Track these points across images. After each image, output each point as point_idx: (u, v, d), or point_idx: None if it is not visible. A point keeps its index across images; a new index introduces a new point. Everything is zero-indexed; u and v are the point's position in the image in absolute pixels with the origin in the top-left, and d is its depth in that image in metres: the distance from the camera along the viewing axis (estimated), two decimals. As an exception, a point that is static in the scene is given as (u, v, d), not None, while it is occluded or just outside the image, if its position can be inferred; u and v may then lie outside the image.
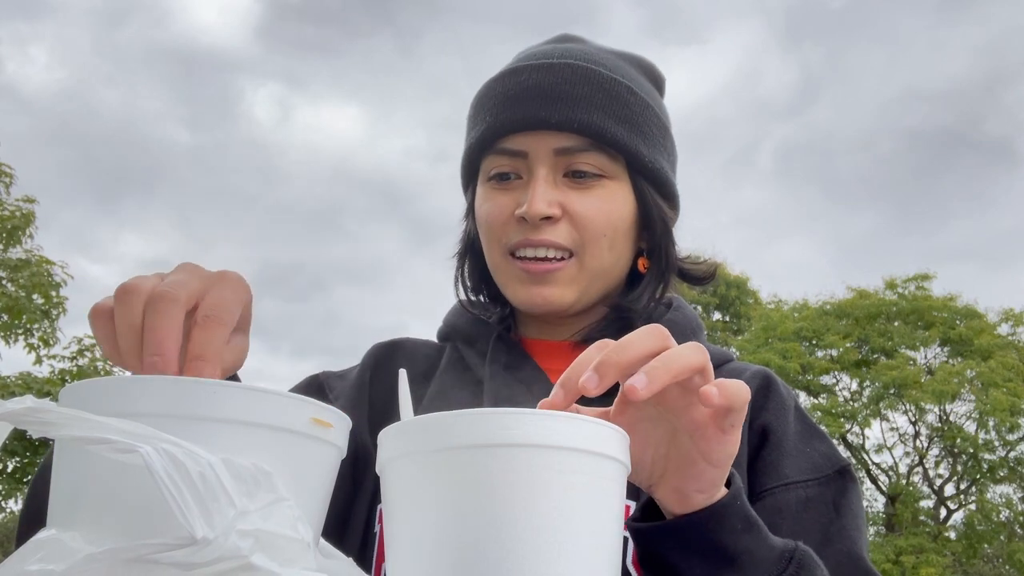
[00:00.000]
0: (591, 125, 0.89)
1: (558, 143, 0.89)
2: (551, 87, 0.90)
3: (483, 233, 0.96)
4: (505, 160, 0.92)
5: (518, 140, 0.91)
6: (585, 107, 0.89)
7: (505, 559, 0.48)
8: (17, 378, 10.78)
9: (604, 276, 0.93)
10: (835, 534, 0.82)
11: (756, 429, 0.88)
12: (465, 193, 1.03)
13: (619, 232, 0.92)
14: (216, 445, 0.45)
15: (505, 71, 0.95)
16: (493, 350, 0.94)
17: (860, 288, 19.20)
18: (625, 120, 0.91)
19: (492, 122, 0.92)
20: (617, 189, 0.92)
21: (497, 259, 0.94)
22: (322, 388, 0.98)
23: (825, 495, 0.85)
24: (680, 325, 0.96)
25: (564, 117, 0.88)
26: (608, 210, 0.90)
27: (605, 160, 0.90)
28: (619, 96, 0.91)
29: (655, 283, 0.97)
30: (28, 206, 11.29)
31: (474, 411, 0.51)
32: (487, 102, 0.94)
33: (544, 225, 0.89)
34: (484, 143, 0.93)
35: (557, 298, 0.91)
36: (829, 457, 0.88)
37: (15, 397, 0.43)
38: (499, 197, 0.92)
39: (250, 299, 0.63)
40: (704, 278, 1.04)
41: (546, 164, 0.90)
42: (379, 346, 1.03)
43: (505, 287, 0.95)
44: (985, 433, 17.07)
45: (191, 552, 0.40)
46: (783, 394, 0.92)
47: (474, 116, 0.97)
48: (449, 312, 1.06)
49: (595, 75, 0.91)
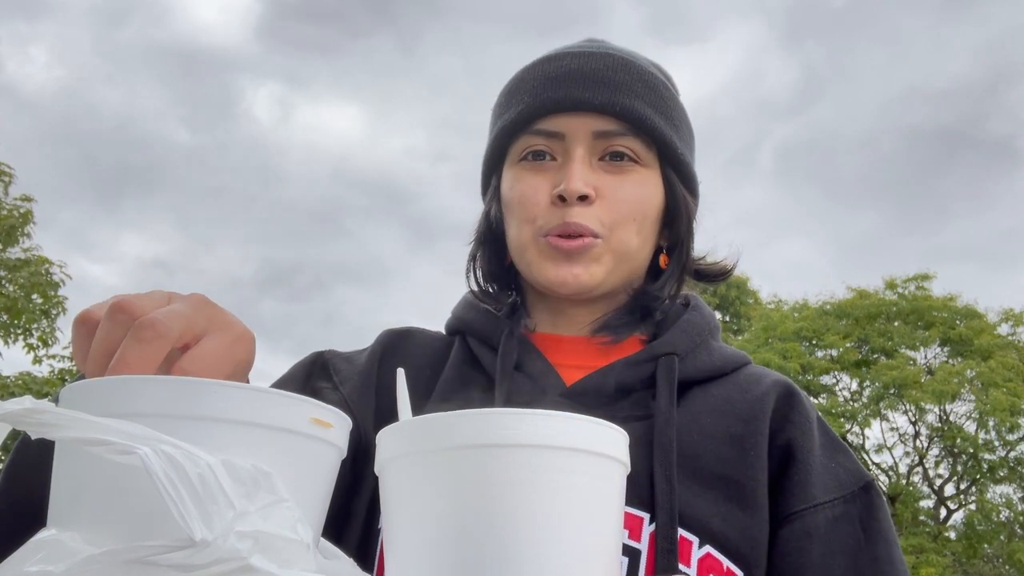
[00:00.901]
0: (632, 110, 0.89)
1: (598, 126, 0.90)
2: (593, 72, 0.90)
3: (514, 213, 0.93)
4: (541, 140, 0.91)
5: (556, 121, 0.90)
6: (626, 92, 0.90)
7: (505, 559, 0.48)
8: (16, 378, 10.78)
9: (628, 260, 0.92)
10: (865, 566, 0.81)
11: (780, 444, 0.86)
12: (487, 180, 1.02)
13: (648, 219, 0.92)
14: (215, 445, 0.45)
15: (541, 59, 0.95)
16: (504, 346, 0.92)
17: (860, 288, 19.21)
18: (661, 111, 0.92)
19: (531, 102, 0.91)
20: (649, 176, 0.92)
21: (527, 239, 0.92)
22: (327, 367, 0.96)
23: (851, 513, 0.84)
24: (698, 325, 0.95)
25: (606, 100, 0.89)
26: (640, 195, 0.91)
27: (641, 147, 0.91)
28: (656, 88, 0.93)
29: (675, 278, 0.97)
30: (26, 205, 11.30)
31: (474, 411, 0.51)
32: (524, 85, 0.94)
33: (578, 205, 0.88)
34: (520, 123, 0.92)
35: (586, 276, 0.89)
36: (854, 473, 0.87)
37: (14, 397, 0.43)
38: (533, 178, 0.91)
39: (251, 362, 0.59)
40: (717, 276, 1.03)
41: (584, 145, 0.90)
42: (390, 333, 1.01)
43: (532, 266, 0.92)
44: (985, 433, 17.07)
45: (190, 554, 0.40)
46: (807, 407, 0.91)
47: (506, 102, 0.96)
48: (458, 305, 1.03)
49: (634, 66, 0.92)
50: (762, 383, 0.92)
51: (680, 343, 0.92)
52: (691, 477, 0.82)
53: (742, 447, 0.85)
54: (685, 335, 0.93)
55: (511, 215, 0.94)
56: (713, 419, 0.87)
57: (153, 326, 0.52)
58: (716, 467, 0.83)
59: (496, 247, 1.01)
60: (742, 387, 0.91)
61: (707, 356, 0.93)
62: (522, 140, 0.93)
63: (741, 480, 0.83)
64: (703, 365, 0.92)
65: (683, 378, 0.89)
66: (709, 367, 0.92)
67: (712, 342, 0.95)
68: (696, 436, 0.85)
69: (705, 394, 0.90)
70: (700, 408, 0.88)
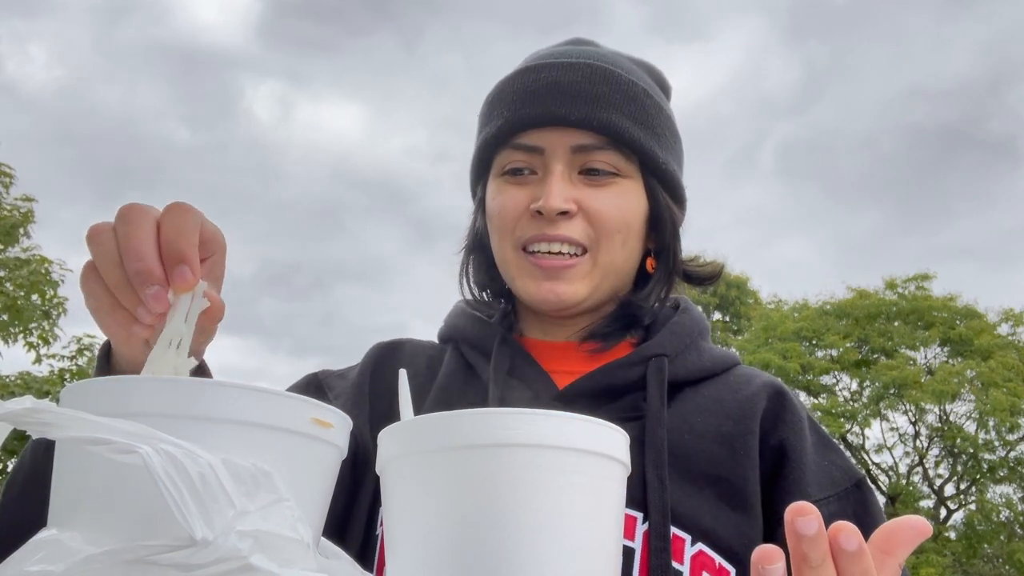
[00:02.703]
0: (610, 124, 0.89)
1: (576, 140, 0.90)
2: (570, 85, 0.90)
3: (494, 227, 0.95)
4: (520, 155, 0.92)
5: (535, 136, 0.91)
6: (604, 106, 0.89)
7: (505, 558, 0.48)
8: (16, 378, 10.77)
9: (615, 273, 0.93)
10: None
11: (774, 445, 0.88)
12: (475, 189, 1.03)
13: (632, 230, 0.92)
14: (216, 445, 0.45)
15: (522, 68, 0.95)
16: (497, 353, 0.93)
17: (860, 288, 19.21)
18: (641, 121, 0.91)
19: (510, 117, 0.92)
20: (631, 188, 0.92)
21: (508, 253, 0.93)
22: (321, 387, 0.98)
23: (846, 510, 0.85)
24: (688, 327, 0.96)
25: (583, 115, 0.89)
26: (622, 208, 0.91)
27: (620, 159, 0.91)
28: (636, 98, 0.92)
29: (663, 283, 0.98)
30: (27, 205, 11.30)
31: (475, 411, 0.51)
32: (504, 97, 0.94)
33: (559, 220, 0.89)
34: (500, 138, 0.93)
35: (570, 294, 0.90)
36: (846, 470, 0.89)
37: (15, 397, 0.43)
38: (513, 191, 0.92)
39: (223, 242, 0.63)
40: (708, 279, 1.04)
41: (563, 160, 0.90)
42: (380, 346, 1.03)
43: (515, 282, 0.94)
44: (985, 433, 17.07)
45: (190, 553, 0.40)
46: (797, 407, 0.92)
47: (488, 112, 0.96)
48: (450, 313, 1.05)
49: (613, 76, 0.92)
50: (752, 383, 0.93)
51: (670, 344, 0.93)
52: (683, 476, 0.83)
53: (733, 446, 0.86)
54: (675, 337, 0.94)
55: (492, 228, 0.95)
56: (704, 419, 0.88)
57: (131, 207, 0.57)
58: (707, 466, 0.84)
59: (484, 257, 1.02)
60: (732, 387, 0.92)
61: (697, 357, 0.94)
62: (504, 154, 0.94)
63: (732, 479, 0.84)
64: (693, 366, 0.93)
65: (673, 379, 0.90)
66: (699, 368, 0.93)
67: (702, 343, 0.96)
68: (687, 436, 0.86)
69: (696, 394, 0.91)
70: (691, 408, 0.89)
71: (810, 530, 0.49)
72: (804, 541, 0.50)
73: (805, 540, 0.49)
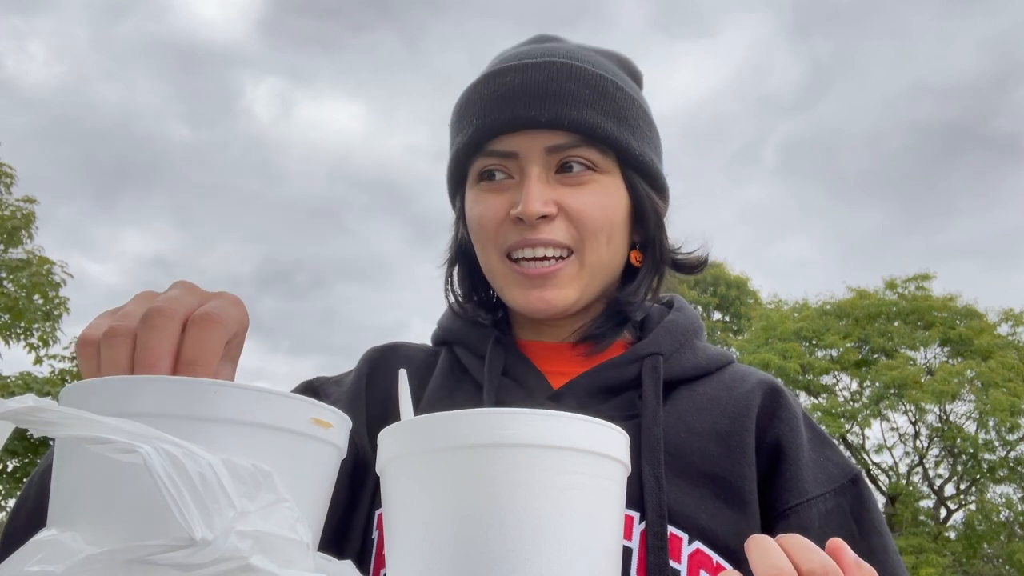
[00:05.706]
0: (581, 121, 0.88)
1: (548, 141, 0.89)
2: (537, 85, 0.89)
3: (477, 236, 0.94)
4: (495, 161, 0.91)
5: (507, 141, 0.90)
6: (573, 104, 0.88)
7: (506, 558, 0.48)
8: (17, 378, 10.78)
9: (603, 271, 0.92)
10: (863, 558, 0.81)
11: (770, 442, 0.87)
12: (453, 200, 1.02)
13: (615, 226, 0.91)
14: (216, 445, 0.45)
15: (487, 73, 0.93)
16: (491, 354, 0.93)
17: (860, 288, 19.22)
18: (613, 115, 0.90)
19: (479, 124, 0.90)
20: (610, 183, 0.91)
21: (494, 262, 0.92)
22: (317, 394, 0.97)
23: (842, 505, 0.85)
24: (682, 326, 0.96)
25: (553, 115, 0.87)
26: (603, 205, 0.90)
27: (596, 155, 0.90)
28: (606, 91, 0.91)
29: (650, 275, 0.97)
30: (28, 206, 11.30)
31: (475, 411, 0.51)
32: (472, 106, 0.92)
33: (541, 224, 0.88)
34: (472, 147, 0.92)
35: (559, 300, 0.90)
36: (842, 466, 0.89)
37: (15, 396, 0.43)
38: (491, 199, 0.91)
39: (247, 323, 0.60)
40: (696, 267, 1.03)
41: (538, 163, 0.89)
42: (374, 351, 1.03)
43: (503, 291, 0.93)
44: (985, 433, 17.07)
45: (190, 553, 0.40)
46: (792, 404, 0.92)
47: (458, 121, 0.95)
48: (443, 316, 1.04)
49: (580, 71, 0.90)
50: (747, 381, 0.93)
51: (664, 343, 0.93)
52: (679, 474, 0.83)
53: (728, 444, 0.86)
54: (669, 335, 0.94)
55: (475, 238, 0.95)
56: (699, 417, 0.88)
57: (160, 312, 0.54)
58: (703, 464, 0.84)
59: (468, 267, 1.02)
60: (727, 385, 0.92)
61: (692, 355, 0.94)
62: (478, 161, 0.93)
63: (728, 476, 0.84)
64: (688, 364, 0.92)
65: (668, 377, 0.90)
66: (694, 366, 0.93)
67: (696, 342, 0.96)
68: (683, 434, 0.86)
69: (691, 393, 0.91)
70: (686, 406, 0.89)
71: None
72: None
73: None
